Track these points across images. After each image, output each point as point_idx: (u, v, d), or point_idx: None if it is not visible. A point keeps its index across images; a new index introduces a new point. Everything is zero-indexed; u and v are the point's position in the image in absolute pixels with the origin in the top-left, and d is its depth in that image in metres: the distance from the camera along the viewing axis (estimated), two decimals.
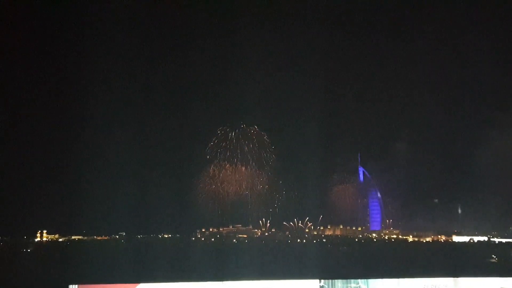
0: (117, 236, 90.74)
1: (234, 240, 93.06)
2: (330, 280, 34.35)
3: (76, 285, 33.44)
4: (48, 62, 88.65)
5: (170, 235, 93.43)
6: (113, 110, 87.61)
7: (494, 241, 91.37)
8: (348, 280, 34.68)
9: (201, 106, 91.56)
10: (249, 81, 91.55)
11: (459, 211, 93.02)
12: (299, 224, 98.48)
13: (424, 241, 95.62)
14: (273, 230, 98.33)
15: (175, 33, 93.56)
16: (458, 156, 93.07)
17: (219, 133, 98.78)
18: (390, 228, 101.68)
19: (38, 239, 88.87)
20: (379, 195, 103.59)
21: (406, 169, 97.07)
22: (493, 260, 73.37)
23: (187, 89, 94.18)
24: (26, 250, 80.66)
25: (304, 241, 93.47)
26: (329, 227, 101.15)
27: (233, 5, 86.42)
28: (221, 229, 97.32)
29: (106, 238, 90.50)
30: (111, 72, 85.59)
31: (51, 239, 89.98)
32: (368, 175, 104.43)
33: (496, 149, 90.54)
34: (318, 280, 34.23)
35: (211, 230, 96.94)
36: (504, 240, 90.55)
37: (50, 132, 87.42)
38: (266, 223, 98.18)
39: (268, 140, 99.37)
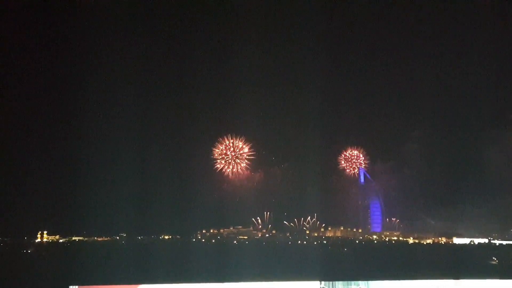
0: (118, 237, 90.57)
1: (235, 242, 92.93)
2: (331, 282, 34.34)
3: (77, 286, 33.47)
4: (48, 59, 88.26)
5: (170, 237, 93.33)
6: (114, 111, 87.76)
7: (495, 243, 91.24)
8: (349, 282, 34.67)
9: (204, 106, 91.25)
10: (250, 78, 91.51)
11: (460, 213, 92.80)
12: (303, 223, 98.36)
13: (425, 243, 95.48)
14: (274, 231, 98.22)
15: (180, 35, 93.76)
16: (460, 158, 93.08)
17: (220, 139, 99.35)
18: (391, 230, 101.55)
19: (39, 240, 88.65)
20: (379, 196, 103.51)
21: (407, 171, 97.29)
22: (494, 262, 73.39)
23: (190, 89, 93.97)
24: (27, 251, 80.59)
25: (305, 242, 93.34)
26: (329, 228, 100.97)
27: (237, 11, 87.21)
28: (221, 230, 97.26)
29: (106, 239, 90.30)
30: (116, 72, 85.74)
31: (52, 240, 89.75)
32: (368, 177, 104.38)
33: (497, 151, 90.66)
34: (318, 282, 34.22)
35: (211, 231, 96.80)
36: (504, 242, 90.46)
37: (50, 132, 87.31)
38: (266, 224, 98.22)
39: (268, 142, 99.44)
